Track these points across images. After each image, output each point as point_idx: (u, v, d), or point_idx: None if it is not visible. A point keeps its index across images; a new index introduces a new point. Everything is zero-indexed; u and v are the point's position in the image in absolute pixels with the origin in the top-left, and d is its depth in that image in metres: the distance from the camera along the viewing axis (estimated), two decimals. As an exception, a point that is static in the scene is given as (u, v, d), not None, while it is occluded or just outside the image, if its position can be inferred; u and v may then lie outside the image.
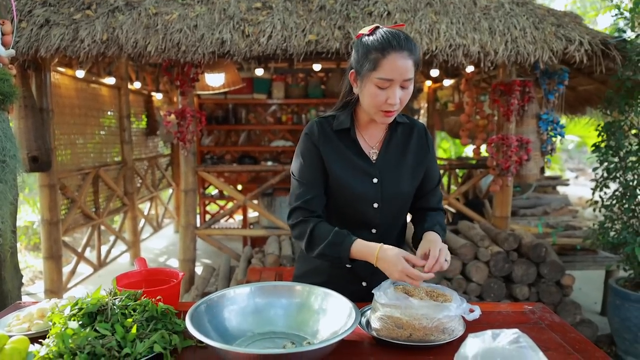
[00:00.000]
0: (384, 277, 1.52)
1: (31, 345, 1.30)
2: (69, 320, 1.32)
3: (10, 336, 1.31)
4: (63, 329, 1.26)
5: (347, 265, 1.62)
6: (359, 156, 1.68)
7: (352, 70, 1.62)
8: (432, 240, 1.56)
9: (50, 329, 1.31)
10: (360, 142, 1.70)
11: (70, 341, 1.22)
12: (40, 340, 1.31)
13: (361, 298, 1.49)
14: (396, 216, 1.75)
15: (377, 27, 1.55)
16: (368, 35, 1.54)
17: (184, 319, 1.36)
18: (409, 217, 1.87)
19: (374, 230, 1.71)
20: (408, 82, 1.51)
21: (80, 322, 1.31)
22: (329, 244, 1.59)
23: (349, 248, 1.56)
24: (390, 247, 1.52)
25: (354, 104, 1.69)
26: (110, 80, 6.13)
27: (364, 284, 1.77)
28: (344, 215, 1.72)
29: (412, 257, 1.48)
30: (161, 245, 7.71)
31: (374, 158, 1.69)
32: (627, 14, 3.96)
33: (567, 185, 7.17)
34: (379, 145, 1.71)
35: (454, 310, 1.36)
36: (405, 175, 1.70)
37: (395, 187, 1.68)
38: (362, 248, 1.55)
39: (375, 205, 1.68)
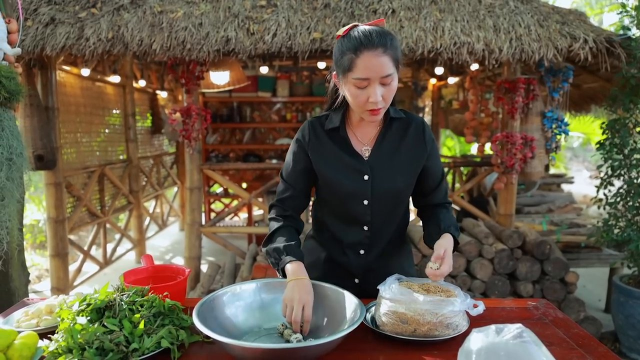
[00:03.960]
0: (377, 276, 1.54)
1: (40, 341, 1.32)
2: (78, 315, 1.33)
3: (19, 332, 1.32)
4: (72, 325, 1.27)
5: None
6: (349, 154, 1.67)
7: (334, 72, 1.62)
8: (444, 245, 1.57)
9: (59, 325, 1.33)
10: (352, 140, 1.70)
11: (78, 336, 1.23)
12: (49, 335, 1.33)
13: (354, 295, 1.50)
14: (389, 213, 1.73)
15: (354, 27, 1.53)
16: (343, 36, 1.53)
17: (190, 315, 1.37)
18: (412, 216, 1.87)
19: (365, 227, 1.71)
20: (388, 78, 1.48)
21: (89, 318, 1.32)
22: (275, 248, 1.64)
23: (285, 263, 1.59)
24: (308, 287, 1.51)
25: (347, 103, 1.66)
26: (115, 79, 6.16)
27: (356, 281, 1.78)
28: (337, 213, 1.75)
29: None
30: (166, 243, 7.74)
31: (367, 155, 1.68)
32: (632, 12, 3.95)
33: (571, 183, 7.15)
34: (372, 142, 1.70)
35: (458, 306, 1.37)
36: (399, 171, 1.68)
37: (387, 183, 1.66)
38: (293, 272, 1.55)
39: (365, 202, 1.67)
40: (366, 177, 1.66)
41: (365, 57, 1.46)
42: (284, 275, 1.58)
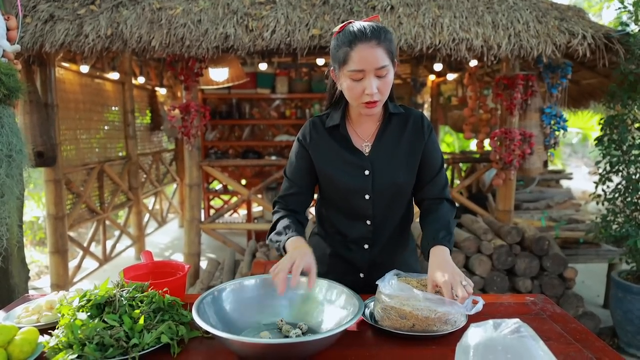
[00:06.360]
0: (381, 270, 1.54)
1: (40, 337, 1.32)
2: (78, 311, 1.34)
3: (20, 327, 1.33)
4: (72, 320, 1.28)
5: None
6: (350, 151, 1.70)
7: (332, 68, 1.65)
8: (438, 267, 1.45)
9: (59, 321, 1.33)
10: (352, 137, 1.71)
11: (79, 332, 1.24)
12: (49, 331, 1.34)
13: (359, 289, 1.50)
14: (392, 207, 1.74)
15: (349, 23, 1.56)
16: (339, 32, 1.57)
17: (190, 311, 1.38)
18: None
19: (368, 222, 1.73)
20: (382, 70, 1.50)
21: (89, 314, 1.33)
22: (277, 232, 1.67)
23: (286, 240, 1.60)
24: (305, 250, 1.51)
25: (346, 100, 1.67)
26: (114, 76, 6.15)
27: (361, 275, 1.80)
28: (340, 209, 1.77)
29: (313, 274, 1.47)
30: (166, 240, 7.74)
31: (367, 151, 1.70)
32: (630, 8, 3.95)
33: (570, 179, 7.16)
34: (372, 138, 1.71)
35: (457, 308, 1.35)
36: (399, 165, 1.69)
37: (388, 177, 1.68)
38: (292, 244, 1.57)
39: (367, 196, 1.69)
40: (367, 172, 1.67)
41: (359, 49, 1.49)
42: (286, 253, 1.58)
